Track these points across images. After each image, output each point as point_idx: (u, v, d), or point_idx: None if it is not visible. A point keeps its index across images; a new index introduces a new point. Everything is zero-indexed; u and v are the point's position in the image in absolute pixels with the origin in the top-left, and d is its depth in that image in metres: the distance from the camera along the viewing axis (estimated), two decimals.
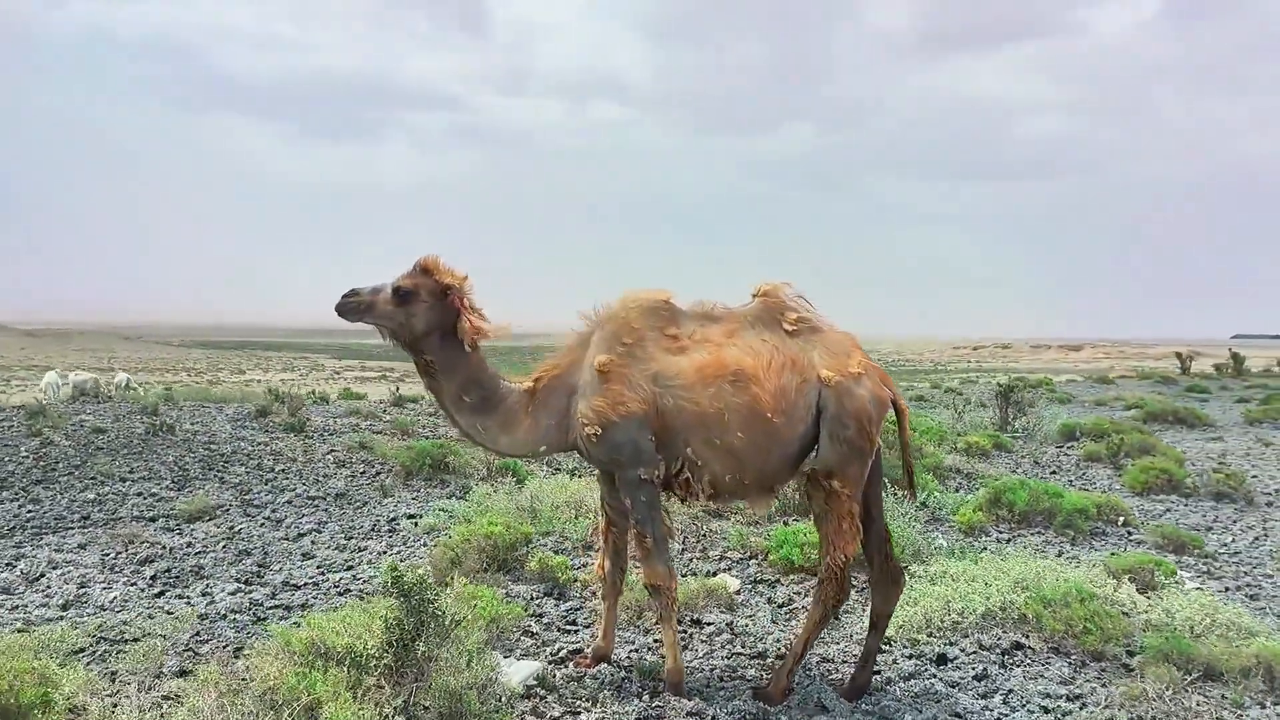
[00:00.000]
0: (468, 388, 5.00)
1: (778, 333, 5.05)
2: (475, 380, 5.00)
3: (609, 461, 4.99)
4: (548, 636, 6.03)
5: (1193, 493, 11.43)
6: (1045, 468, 13.74)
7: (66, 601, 6.52)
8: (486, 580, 6.84)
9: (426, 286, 4.86)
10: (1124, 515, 9.71)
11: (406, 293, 4.83)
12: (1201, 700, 4.99)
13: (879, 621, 5.24)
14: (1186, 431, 18.85)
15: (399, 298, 4.83)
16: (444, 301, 4.87)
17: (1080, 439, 16.40)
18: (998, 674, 5.51)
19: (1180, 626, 5.87)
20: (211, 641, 5.77)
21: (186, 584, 7.12)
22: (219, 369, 58.22)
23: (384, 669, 3.82)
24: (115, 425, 13.97)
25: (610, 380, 4.87)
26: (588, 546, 8.37)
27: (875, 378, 5.05)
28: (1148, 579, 6.84)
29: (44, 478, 10.64)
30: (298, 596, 6.82)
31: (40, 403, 14.99)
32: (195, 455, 12.43)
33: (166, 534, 8.65)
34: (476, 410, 5.04)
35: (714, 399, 4.82)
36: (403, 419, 17.49)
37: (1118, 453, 13.93)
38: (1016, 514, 9.47)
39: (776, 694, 5.06)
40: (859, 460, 4.93)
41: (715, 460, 4.89)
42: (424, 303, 4.86)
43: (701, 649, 5.90)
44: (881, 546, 5.22)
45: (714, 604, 6.73)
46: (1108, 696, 5.11)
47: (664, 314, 5.08)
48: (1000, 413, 17.56)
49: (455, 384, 5.00)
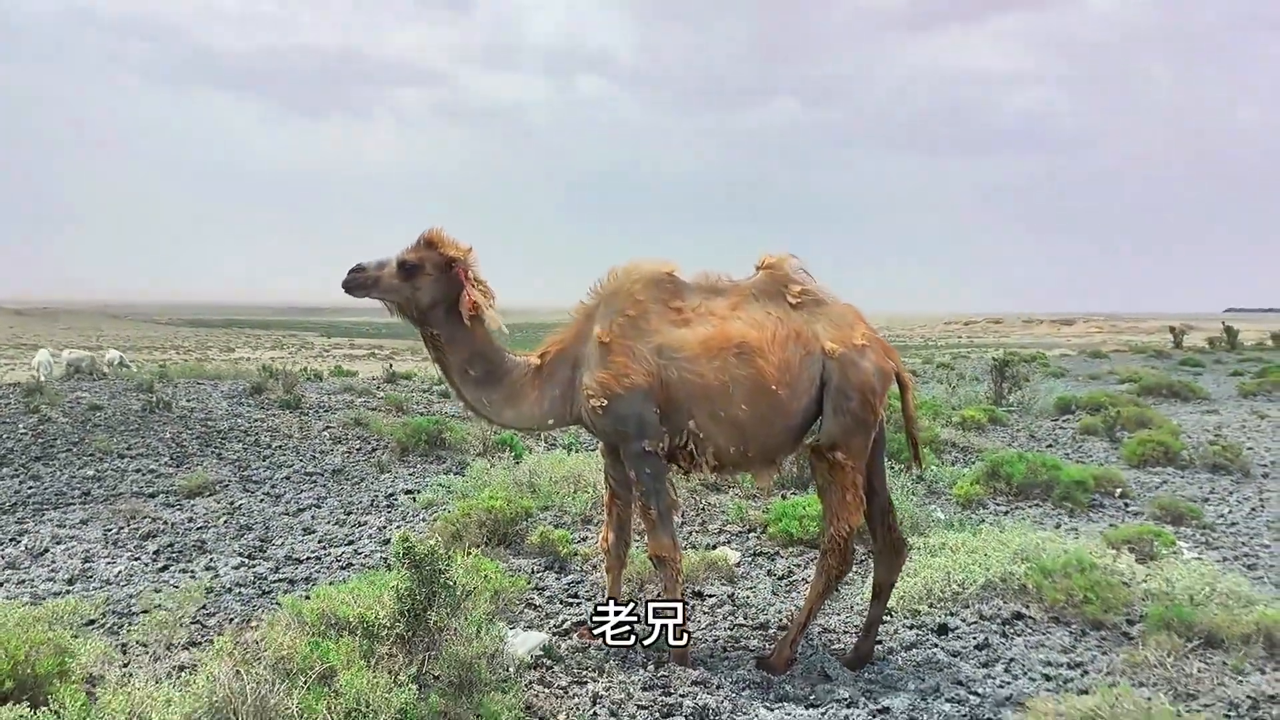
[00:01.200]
0: (473, 361, 5.00)
1: (782, 305, 5.05)
2: (481, 354, 5.00)
3: (613, 434, 5.00)
4: (550, 609, 6.07)
5: (1189, 465, 11.49)
6: (1041, 441, 13.80)
7: (72, 576, 6.54)
8: (488, 554, 6.87)
9: (431, 260, 4.85)
10: (1121, 487, 9.77)
11: (412, 267, 4.82)
12: (1202, 667, 5.04)
13: (882, 591, 5.28)
14: (1181, 405, 18.93)
15: (404, 272, 4.83)
16: (449, 274, 4.87)
17: (1076, 412, 16.47)
18: (999, 643, 5.56)
19: (1180, 595, 5.91)
20: (218, 614, 5.79)
21: (190, 559, 7.14)
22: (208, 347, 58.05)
23: (396, 638, 3.84)
24: (111, 402, 13.95)
25: (614, 352, 4.88)
26: (587, 520, 8.40)
27: (879, 350, 5.06)
28: (1147, 549, 6.89)
29: (43, 454, 10.63)
30: (301, 570, 6.85)
31: (36, 380, 14.94)
32: (192, 432, 12.42)
33: (167, 509, 8.66)
34: (481, 383, 5.04)
35: (718, 371, 4.83)
36: (396, 395, 17.49)
37: (1114, 426, 13.99)
38: (1014, 487, 9.51)
39: (780, 663, 5.10)
40: (863, 432, 4.95)
41: (719, 432, 4.90)
42: (429, 276, 4.85)
43: (704, 620, 5.94)
44: (884, 518, 5.25)
45: (715, 576, 6.77)
46: (1109, 664, 5.16)
47: (668, 286, 5.08)
48: (995, 387, 17.62)
49: (460, 357, 5.00)
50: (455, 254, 4.86)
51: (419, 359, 42.26)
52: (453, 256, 4.85)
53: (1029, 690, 4.77)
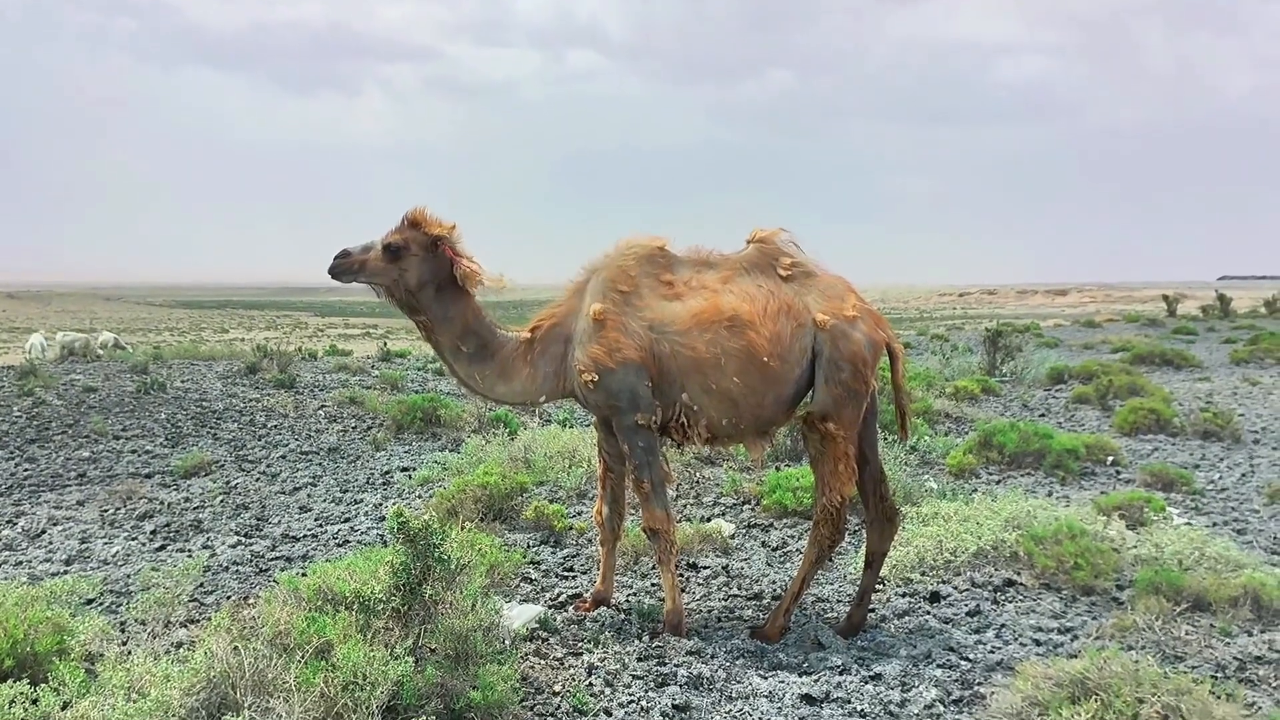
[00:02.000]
0: (465, 337, 5.02)
1: (773, 278, 5.07)
2: (472, 330, 5.02)
3: (606, 408, 5.03)
4: (546, 583, 6.12)
5: (1180, 432, 11.56)
6: (1034, 410, 13.87)
7: (69, 557, 6.57)
8: (484, 529, 6.91)
9: (416, 240, 4.85)
10: (1113, 455, 9.83)
11: (397, 248, 4.83)
12: (1190, 629, 5.11)
13: (874, 560, 5.33)
14: (1174, 373, 19.01)
15: (390, 254, 4.83)
16: (435, 253, 4.88)
17: (1069, 382, 16.53)
18: (990, 610, 5.62)
19: (1169, 560, 5.98)
20: (216, 592, 5.84)
21: (187, 538, 7.18)
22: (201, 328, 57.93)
23: (392, 612, 3.88)
24: (106, 384, 13.96)
25: (607, 327, 4.90)
26: (582, 495, 8.45)
27: (870, 321, 5.09)
28: (1137, 515, 6.95)
29: (38, 437, 10.64)
30: (298, 548, 6.88)
31: (30, 363, 14.93)
32: (187, 412, 12.43)
33: (164, 490, 8.69)
34: (474, 360, 5.06)
35: (710, 344, 4.85)
36: (391, 373, 17.51)
37: (1106, 394, 14.05)
38: (1006, 456, 9.57)
39: (773, 632, 5.16)
40: (854, 403, 4.98)
41: (712, 405, 4.94)
42: (415, 256, 4.86)
43: (699, 591, 5.99)
44: (877, 487, 5.29)
45: (709, 548, 6.82)
46: (1098, 628, 5.22)
47: (659, 261, 5.10)
48: (988, 357, 17.67)
49: (452, 335, 5.02)
50: (440, 231, 4.86)
51: (413, 338, 42.24)
52: (437, 235, 4.85)
53: (1019, 655, 4.83)
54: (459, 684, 3.80)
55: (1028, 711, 3.98)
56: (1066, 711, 3.82)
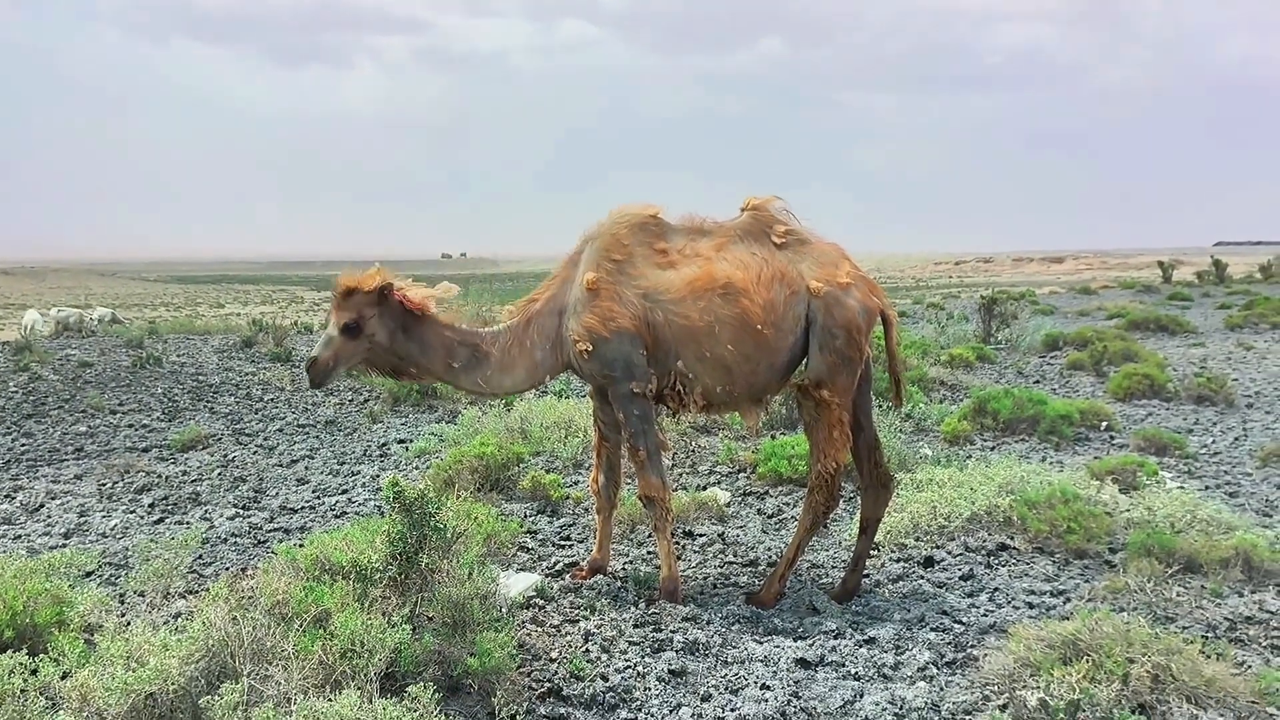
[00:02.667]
0: (452, 354, 5.02)
1: (766, 245, 5.07)
2: (454, 345, 5.01)
3: (601, 377, 5.04)
4: (543, 551, 6.16)
5: (1174, 397, 11.61)
6: (1029, 377, 13.90)
7: (68, 530, 6.60)
8: (481, 500, 6.94)
9: (362, 304, 4.81)
10: (1107, 420, 9.87)
11: (353, 324, 4.80)
12: (1181, 591, 5.16)
13: (868, 526, 5.37)
14: (1169, 338, 19.05)
15: (350, 332, 4.80)
16: (385, 303, 4.84)
17: (1063, 348, 16.56)
18: (984, 574, 5.66)
19: (1162, 523, 6.02)
20: (215, 564, 5.87)
21: (185, 511, 7.20)
22: (197, 303, 57.76)
23: (389, 581, 3.91)
24: (101, 359, 13.95)
25: (600, 297, 4.90)
26: (578, 465, 8.48)
27: (864, 288, 5.09)
28: (1130, 479, 6.99)
29: (34, 412, 10.65)
30: (295, 520, 6.92)
31: (26, 338, 14.91)
32: (184, 386, 12.44)
33: (161, 463, 8.71)
34: (470, 368, 5.06)
35: (704, 312, 4.86)
36: None
37: (1101, 360, 14.08)
38: (1001, 422, 9.61)
39: (769, 598, 5.20)
40: (848, 370, 4.99)
41: (706, 373, 4.95)
42: (371, 317, 4.82)
43: (695, 559, 6.04)
44: (871, 454, 5.32)
45: (705, 516, 6.86)
46: (1091, 590, 5.27)
47: (653, 229, 5.09)
48: (983, 325, 17.69)
49: (440, 359, 5.01)
50: (377, 282, 4.81)
51: None
52: (378, 286, 4.80)
53: (1012, 618, 4.88)
54: (456, 651, 3.83)
55: (1020, 673, 4.03)
56: (1058, 672, 3.86)
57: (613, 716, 3.90)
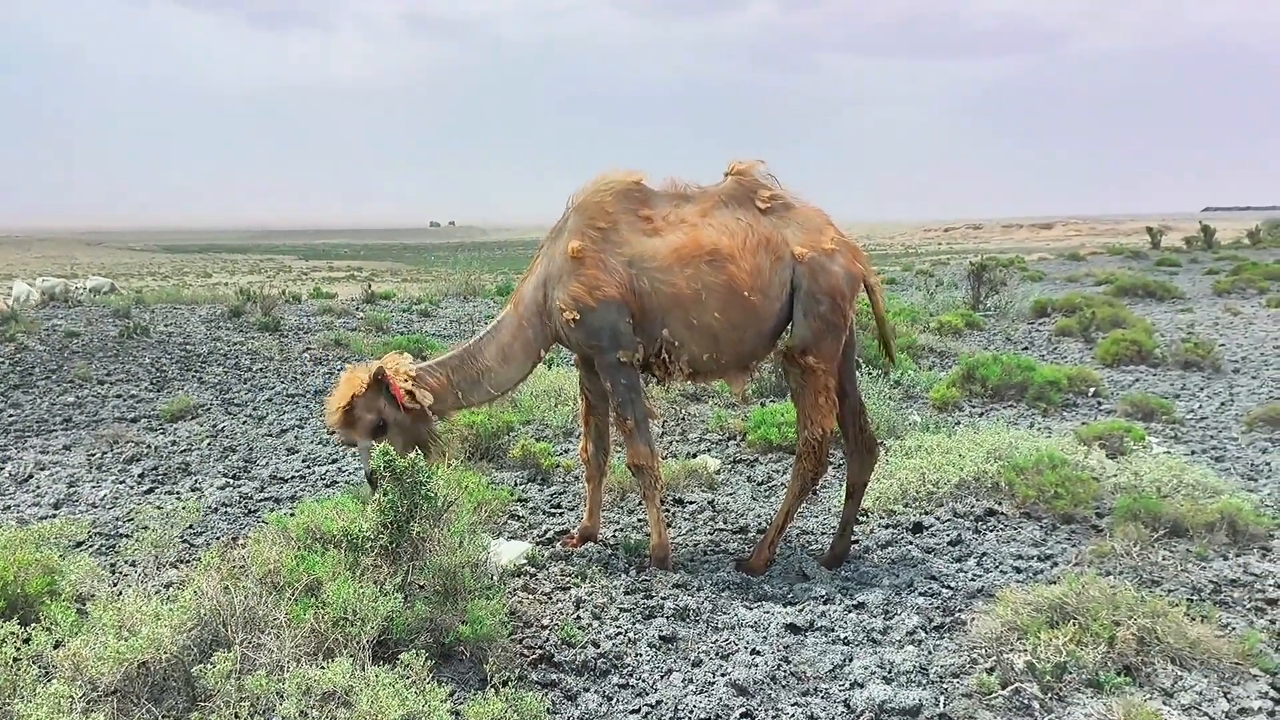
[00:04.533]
0: (458, 386, 5.09)
1: (751, 211, 5.05)
2: (456, 375, 5.08)
3: (587, 346, 5.03)
4: (534, 520, 6.18)
5: (1162, 362, 11.67)
6: (1018, 344, 13.95)
7: (58, 500, 6.59)
8: (471, 468, 6.95)
9: (368, 398, 4.86)
10: (1094, 386, 9.92)
11: (379, 424, 4.89)
12: (1167, 554, 5.21)
13: (855, 491, 5.39)
14: (1157, 304, 19.13)
15: (381, 432, 4.88)
16: (384, 389, 4.89)
17: (1052, 315, 16.61)
18: (972, 539, 5.71)
19: (1148, 488, 6.07)
20: (206, 534, 5.88)
21: (175, 481, 7.19)
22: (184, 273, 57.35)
23: (380, 550, 3.92)
24: (88, 329, 13.87)
25: (585, 265, 4.89)
26: (568, 433, 8.49)
27: (848, 254, 5.09)
28: (1117, 445, 7.04)
29: (21, 382, 10.59)
30: (286, 489, 6.92)
31: (11, 309, 14.81)
32: (172, 356, 12.39)
33: (150, 434, 8.69)
34: (477, 382, 5.13)
35: (691, 279, 4.85)
36: (376, 315, 17.45)
37: (1089, 326, 14.14)
38: (989, 389, 9.65)
39: (758, 565, 5.23)
40: (833, 336, 5.00)
41: (693, 340, 4.95)
42: (381, 404, 4.89)
43: (685, 526, 6.06)
44: (856, 419, 5.34)
45: (695, 484, 6.89)
46: (1078, 555, 5.32)
47: (637, 196, 5.06)
48: (973, 292, 17.72)
49: (451, 401, 5.13)
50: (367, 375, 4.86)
51: (398, 280, 41.99)
52: (374, 378, 4.86)
53: (1000, 582, 4.92)
54: (448, 619, 3.85)
55: (1007, 636, 4.08)
56: (1045, 635, 3.91)
57: (604, 682, 3.93)
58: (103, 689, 3.08)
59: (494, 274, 35.91)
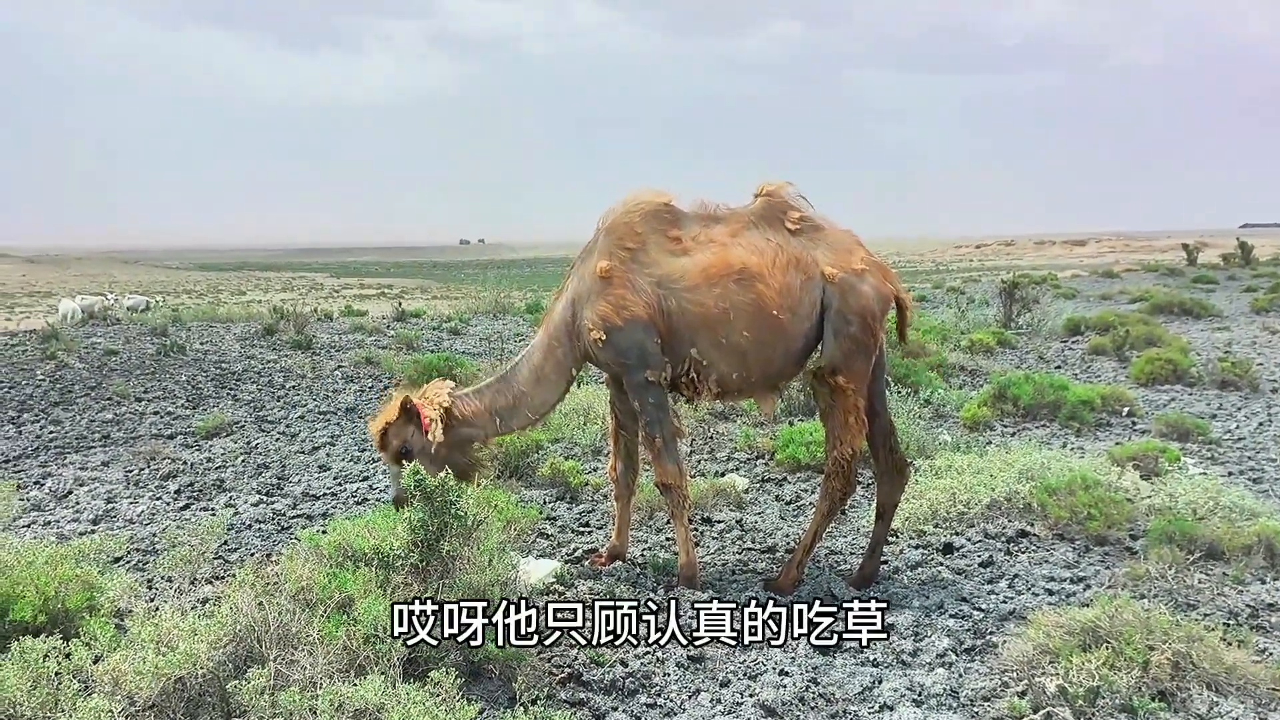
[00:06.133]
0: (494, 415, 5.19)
1: (781, 232, 5.08)
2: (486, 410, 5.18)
3: (615, 365, 5.07)
4: (562, 538, 6.20)
5: (1198, 382, 11.52)
6: (1050, 362, 13.83)
7: (96, 516, 6.70)
8: (500, 487, 6.99)
9: (397, 427, 5.02)
10: (1129, 406, 9.82)
11: (405, 450, 5.01)
12: (1203, 578, 5.14)
13: (885, 512, 5.37)
14: (1193, 322, 18.90)
15: (408, 457, 4.97)
16: (414, 419, 5.03)
17: (1085, 333, 16.46)
18: (1003, 560, 5.66)
19: (1183, 509, 5.99)
20: (240, 550, 5.95)
21: (210, 497, 7.29)
22: (219, 290, 58.12)
23: (410, 568, 3.96)
24: (126, 347, 14.11)
25: (613, 285, 4.93)
26: (597, 451, 8.52)
27: (879, 274, 5.09)
28: (1151, 465, 6.96)
29: (62, 399, 10.79)
30: (318, 506, 6.99)
31: (52, 326, 15.10)
32: (207, 374, 12.56)
33: (186, 450, 8.81)
34: (514, 410, 5.23)
35: (719, 299, 4.87)
36: (406, 333, 17.60)
37: (1123, 345, 13.99)
38: (1021, 408, 9.57)
39: (787, 584, 5.22)
40: (863, 356, 5.00)
41: (721, 359, 4.97)
42: (411, 431, 5.02)
43: (713, 545, 6.06)
44: (886, 440, 5.32)
45: (723, 503, 6.89)
46: (1111, 577, 5.26)
47: (666, 216, 5.10)
48: (1004, 310, 17.59)
49: (489, 427, 5.21)
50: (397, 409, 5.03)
51: (428, 297, 42.29)
52: (404, 409, 5.02)
53: (1032, 605, 4.87)
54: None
55: (1039, 659, 4.04)
56: (1078, 659, 3.87)
57: (632, 701, 3.94)
58: (141, 703, 3.13)
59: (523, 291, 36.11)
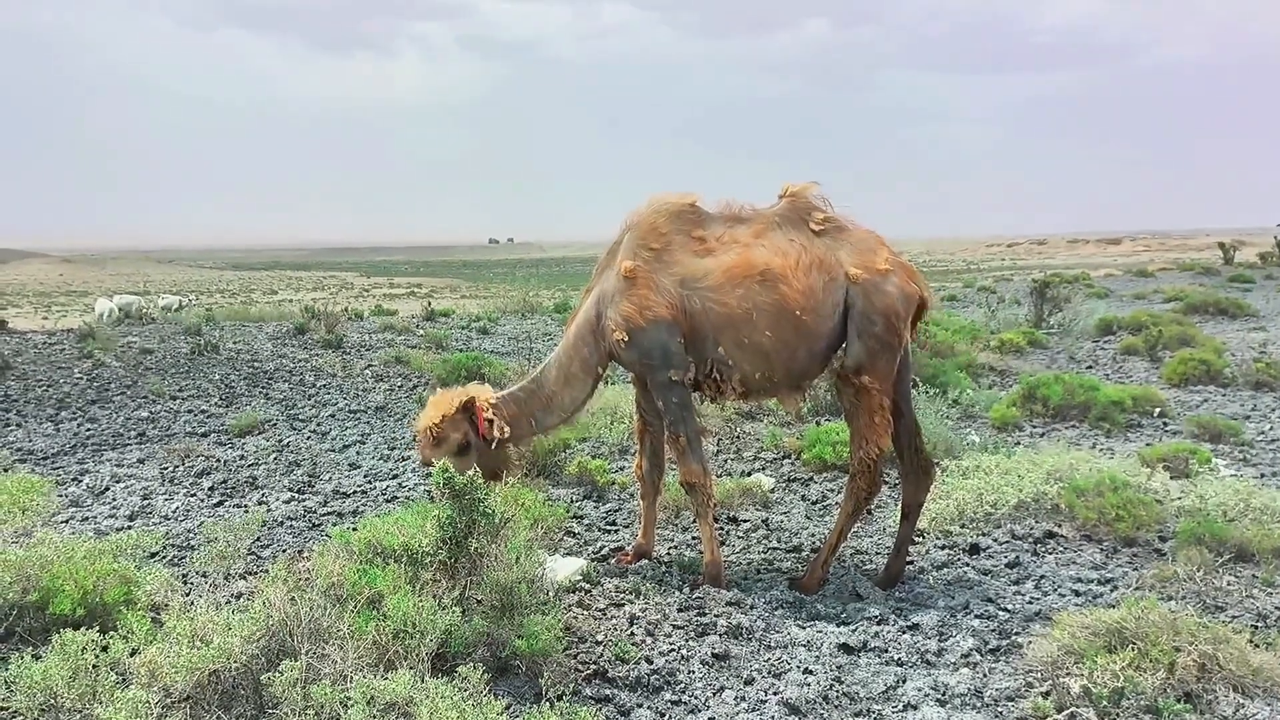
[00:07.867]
0: (530, 417, 5.37)
1: (805, 232, 5.10)
2: (523, 414, 5.36)
3: (639, 365, 5.12)
4: (589, 536, 6.25)
5: (1231, 383, 11.39)
6: (1081, 363, 13.71)
7: (133, 512, 6.83)
8: (528, 485, 7.04)
9: (454, 421, 5.21)
10: (1160, 406, 9.73)
11: (464, 444, 5.22)
12: (1232, 580, 5.11)
13: (910, 512, 5.38)
14: (1228, 322, 18.65)
15: (465, 451, 5.21)
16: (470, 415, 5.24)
17: (1118, 333, 16.29)
18: (1030, 561, 5.65)
19: (1213, 511, 5.95)
20: (272, 546, 6.05)
21: (243, 494, 7.41)
22: (251, 290, 58.74)
23: (439, 565, 4.02)
24: (161, 346, 14.32)
25: (637, 285, 4.97)
26: (624, 450, 8.56)
27: (903, 274, 5.10)
28: (1182, 467, 6.91)
29: (99, 398, 10.97)
30: (348, 504, 7.09)
31: (89, 325, 15.35)
32: (240, 373, 12.73)
33: (220, 448, 8.95)
34: (548, 411, 5.41)
35: (742, 299, 4.90)
36: (436, 333, 17.72)
37: (1155, 345, 13.85)
38: (1051, 409, 9.51)
39: (812, 584, 5.24)
40: (888, 356, 5.01)
41: (745, 359, 5.00)
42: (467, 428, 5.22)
43: (738, 544, 6.09)
44: (911, 440, 5.33)
45: (750, 502, 6.91)
46: (1139, 579, 5.24)
47: (690, 217, 5.14)
48: (1035, 309, 17.44)
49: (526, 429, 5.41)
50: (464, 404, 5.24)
51: (457, 296, 42.54)
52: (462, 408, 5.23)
53: (1058, 605, 4.87)
54: (504, 633, 3.94)
55: (1064, 660, 4.03)
56: (1103, 660, 3.87)
57: (657, 698, 3.98)
58: (176, 695, 3.21)
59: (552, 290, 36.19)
